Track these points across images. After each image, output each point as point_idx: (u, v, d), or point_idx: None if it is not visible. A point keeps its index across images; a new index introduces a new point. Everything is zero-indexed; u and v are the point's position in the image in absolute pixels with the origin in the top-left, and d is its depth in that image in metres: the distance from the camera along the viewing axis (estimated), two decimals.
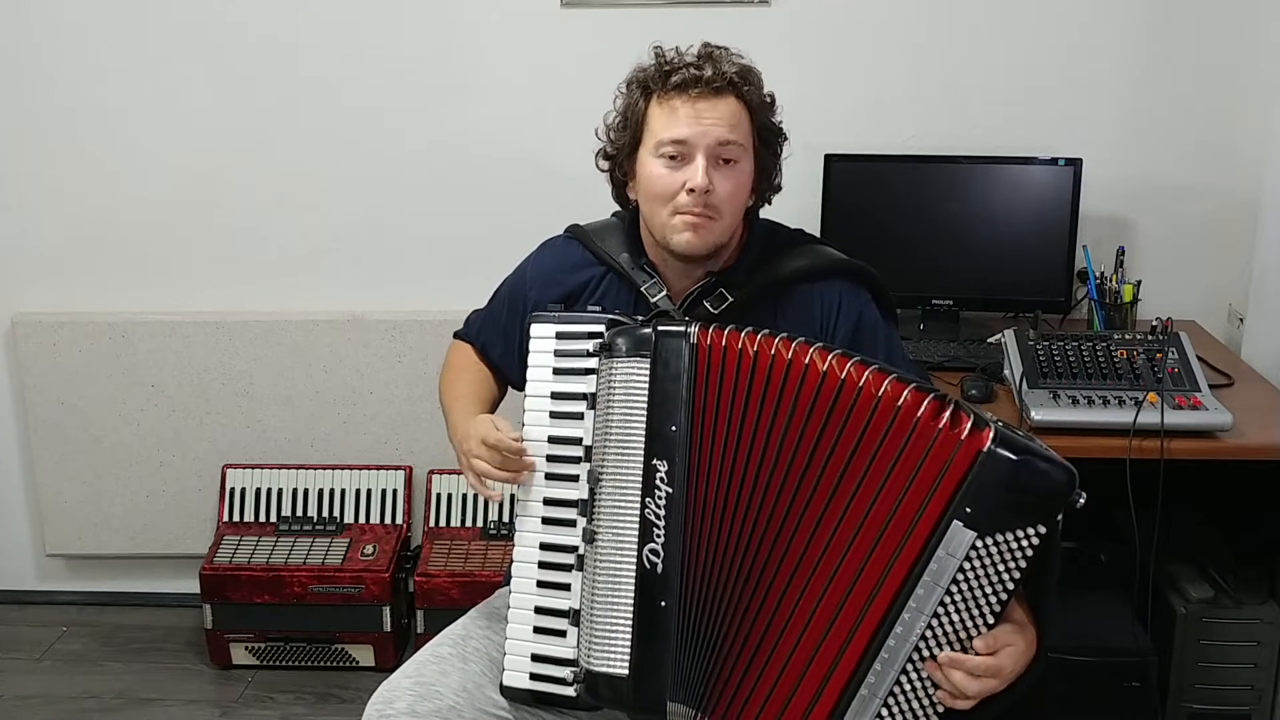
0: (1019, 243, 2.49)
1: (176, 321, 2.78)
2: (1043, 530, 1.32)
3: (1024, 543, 1.32)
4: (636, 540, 1.50)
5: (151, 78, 2.68)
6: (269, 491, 2.80)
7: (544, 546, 1.57)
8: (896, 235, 2.52)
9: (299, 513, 2.78)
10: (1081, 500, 1.34)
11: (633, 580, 1.50)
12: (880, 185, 2.55)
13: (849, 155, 2.53)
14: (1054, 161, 2.47)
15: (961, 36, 2.58)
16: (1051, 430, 2.03)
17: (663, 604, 1.48)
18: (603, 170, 1.75)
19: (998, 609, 1.35)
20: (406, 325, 2.75)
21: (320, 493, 2.79)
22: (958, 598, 1.35)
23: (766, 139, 1.68)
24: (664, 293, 1.70)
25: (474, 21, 2.62)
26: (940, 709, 1.38)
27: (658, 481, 1.49)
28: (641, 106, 1.66)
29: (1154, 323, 2.20)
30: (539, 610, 1.56)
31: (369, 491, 2.79)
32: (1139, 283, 2.46)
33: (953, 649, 1.36)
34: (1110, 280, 2.47)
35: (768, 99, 1.69)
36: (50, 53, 2.68)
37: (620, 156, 1.70)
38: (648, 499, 1.49)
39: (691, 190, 1.59)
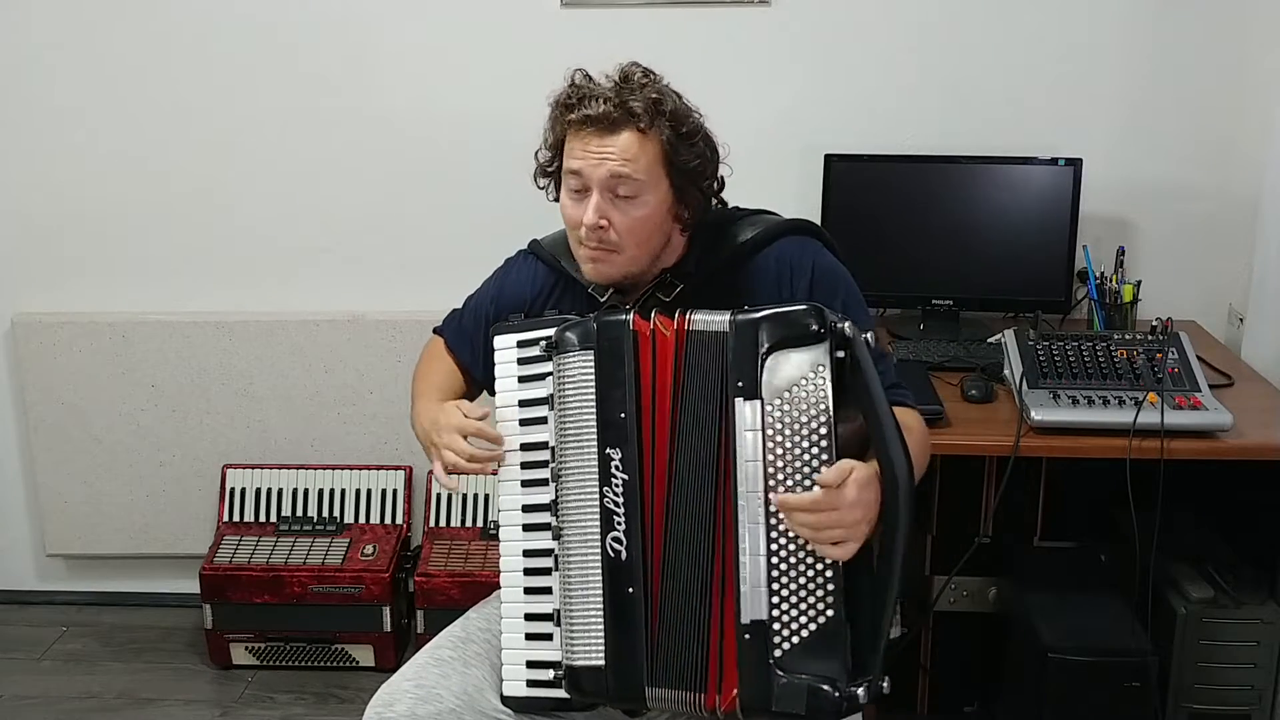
0: (1019, 243, 2.49)
1: (176, 321, 2.78)
2: (823, 369, 1.38)
3: (811, 383, 1.38)
4: (599, 531, 1.51)
5: (151, 77, 2.68)
6: (269, 491, 2.80)
7: (526, 553, 1.58)
8: (896, 235, 2.52)
9: (299, 513, 2.78)
10: (844, 325, 1.40)
11: (600, 571, 1.51)
12: (880, 185, 2.55)
13: (849, 155, 2.53)
14: (1054, 161, 2.47)
15: (961, 36, 2.57)
16: (1052, 430, 2.03)
17: (630, 590, 1.50)
18: (541, 188, 1.73)
19: (825, 456, 1.39)
20: (406, 325, 2.75)
21: (320, 493, 2.79)
22: (782, 463, 1.40)
23: (681, 168, 1.62)
24: (611, 291, 1.70)
25: (474, 21, 2.62)
26: (822, 567, 1.40)
27: (613, 470, 1.51)
28: (560, 131, 1.66)
29: (1154, 323, 2.20)
30: (528, 617, 1.57)
31: (369, 491, 2.79)
32: (1139, 283, 2.46)
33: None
34: (1110, 280, 2.47)
35: (684, 129, 1.62)
36: (50, 52, 2.68)
37: (554, 176, 1.70)
38: (605, 488, 1.51)
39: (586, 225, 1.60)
